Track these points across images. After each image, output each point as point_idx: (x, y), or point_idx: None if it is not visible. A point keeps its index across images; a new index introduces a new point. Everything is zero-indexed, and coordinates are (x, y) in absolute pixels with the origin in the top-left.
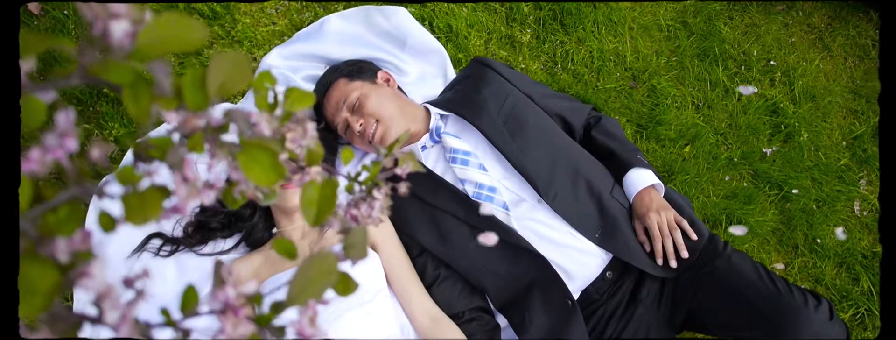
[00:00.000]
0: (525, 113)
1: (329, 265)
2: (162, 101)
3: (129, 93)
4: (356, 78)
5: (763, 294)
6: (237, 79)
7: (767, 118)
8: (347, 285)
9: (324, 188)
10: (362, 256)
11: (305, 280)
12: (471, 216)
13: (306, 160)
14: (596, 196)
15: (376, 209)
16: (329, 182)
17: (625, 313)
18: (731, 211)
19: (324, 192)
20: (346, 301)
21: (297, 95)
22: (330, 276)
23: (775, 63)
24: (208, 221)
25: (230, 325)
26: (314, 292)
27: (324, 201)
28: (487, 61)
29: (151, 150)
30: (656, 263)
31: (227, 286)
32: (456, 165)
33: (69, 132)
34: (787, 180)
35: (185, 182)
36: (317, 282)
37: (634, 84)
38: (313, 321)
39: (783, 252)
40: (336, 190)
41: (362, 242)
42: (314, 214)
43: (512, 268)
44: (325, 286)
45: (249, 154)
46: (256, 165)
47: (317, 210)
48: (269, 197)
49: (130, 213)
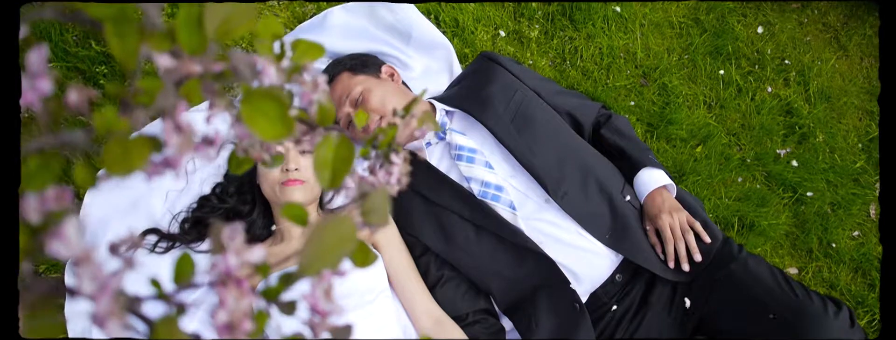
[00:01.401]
0: (533, 110)
1: (346, 231)
2: (153, 40)
3: (112, 30)
4: (360, 72)
5: (781, 300)
6: (238, 20)
7: (781, 119)
8: (366, 255)
9: (339, 147)
10: (383, 222)
11: (319, 247)
12: (476, 216)
13: (318, 119)
14: (606, 196)
15: (395, 175)
16: (345, 140)
17: (635, 317)
18: (744, 214)
19: (339, 151)
20: (348, 301)
21: (306, 46)
22: (347, 243)
23: (790, 62)
24: (206, 216)
25: (231, 298)
26: (329, 260)
27: (339, 162)
28: (495, 56)
29: (140, 95)
30: (668, 266)
31: (228, 253)
32: (461, 162)
33: (42, 73)
34: (801, 182)
35: (178, 131)
36: (332, 249)
37: (645, 82)
38: (328, 294)
39: (797, 257)
40: (353, 150)
41: (383, 207)
42: (329, 176)
43: (518, 269)
44: (341, 254)
45: (254, 104)
46: (262, 116)
47: (331, 172)
48: (276, 160)
49: (111, 162)
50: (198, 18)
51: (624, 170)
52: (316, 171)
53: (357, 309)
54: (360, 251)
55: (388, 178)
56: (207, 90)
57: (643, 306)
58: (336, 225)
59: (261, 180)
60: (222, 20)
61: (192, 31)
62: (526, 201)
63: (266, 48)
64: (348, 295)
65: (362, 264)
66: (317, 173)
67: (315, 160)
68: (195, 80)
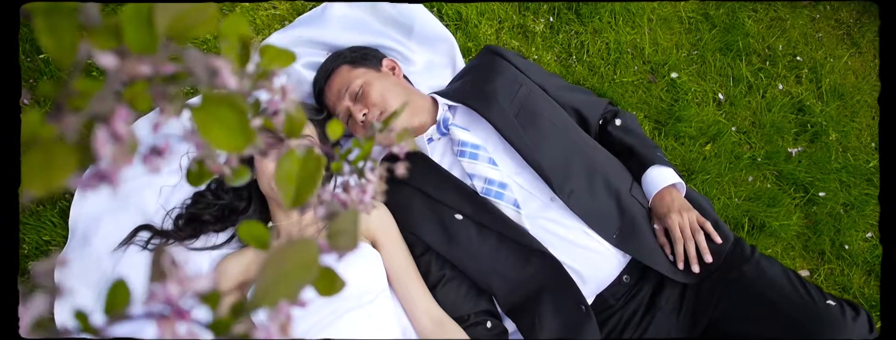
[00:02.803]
0: (538, 105)
1: (307, 256)
2: (94, 37)
3: (42, 25)
4: (360, 65)
5: (796, 303)
6: (194, 18)
7: (793, 117)
8: (332, 282)
9: (305, 162)
10: (351, 247)
11: (276, 274)
12: (479, 214)
13: (285, 130)
14: (614, 194)
15: (369, 193)
16: (312, 154)
17: (642, 320)
18: (754, 214)
19: (305, 166)
20: (346, 302)
21: (275, 52)
22: (308, 270)
23: (801, 59)
24: (200, 213)
25: (168, 332)
26: (287, 290)
27: (305, 178)
28: (499, 50)
29: (74, 98)
30: (677, 267)
31: (168, 281)
32: (464, 159)
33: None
34: (813, 182)
35: (116, 140)
36: (291, 277)
37: (653, 78)
38: (285, 328)
39: (809, 259)
40: (321, 165)
41: (352, 229)
42: (292, 193)
43: (522, 270)
44: (301, 282)
45: (209, 111)
46: (218, 125)
47: (296, 189)
48: (239, 175)
49: (29, 174)
50: (147, 15)
51: (631, 168)
52: (277, 187)
53: (355, 310)
54: (324, 278)
55: (362, 196)
56: (158, 95)
57: (651, 308)
58: (296, 250)
59: (258, 175)
60: (175, 17)
61: (141, 29)
62: (530, 200)
63: (230, 50)
64: (346, 296)
65: (327, 292)
66: (278, 189)
67: (277, 175)
68: (142, 82)
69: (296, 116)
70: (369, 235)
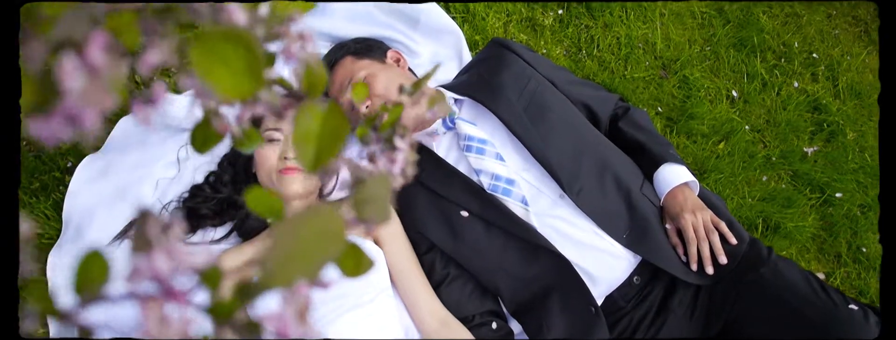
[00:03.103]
0: (548, 99)
1: (331, 227)
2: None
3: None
4: (364, 56)
5: (816, 307)
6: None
7: (809, 115)
8: (358, 260)
9: (328, 118)
10: (384, 218)
11: (293, 249)
12: (485, 211)
13: (304, 86)
14: (624, 192)
15: (399, 163)
16: (336, 110)
17: (653, 322)
18: (768, 215)
19: (328, 123)
20: (346, 301)
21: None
22: (332, 243)
23: (818, 56)
24: (198, 207)
25: (154, 318)
26: (306, 267)
27: (327, 136)
28: (507, 43)
29: (43, 22)
30: (690, 268)
31: (155, 252)
32: (470, 153)
33: None
34: (829, 182)
35: (91, 72)
36: (311, 252)
37: (665, 74)
38: (303, 314)
39: (824, 261)
40: (346, 123)
41: (383, 197)
42: (313, 154)
43: (529, 269)
44: (323, 258)
45: (211, 49)
46: (221, 65)
47: (316, 149)
48: (251, 139)
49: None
50: None
51: (643, 166)
52: (295, 147)
53: (356, 309)
54: (350, 255)
55: (390, 166)
56: (148, 29)
57: (663, 310)
58: (317, 219)
59: (257, 168)
60: None
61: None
62: (539, 197)
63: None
64: (347, 294)
65: (354, 272)
66: (296, 149)
67: (295, 134)
68: (129, 13)
69: (317, 69)
70: (370, 233)
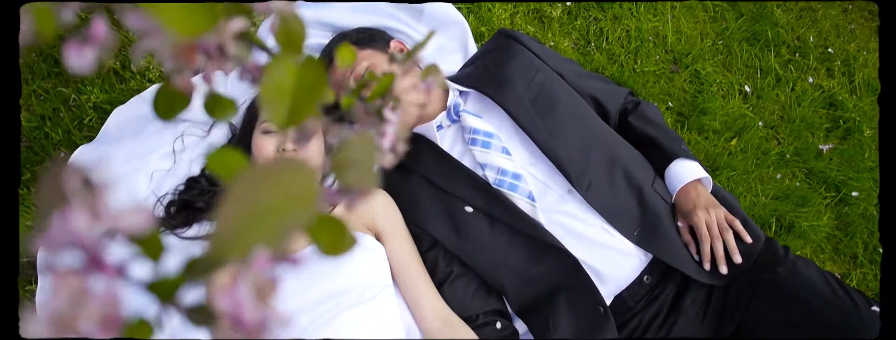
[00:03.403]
0: (556, 92)
1: (300, 182)
2: None
3: None
4: (366, 46)
5: (837, 308)
6: None
7: (824, 111)
8: (338, 235)
9: (304, 72)
10: (370, 184)
11: (250, 210)
12: (490, 206)
13: (279, 39)
14: (635, 188)
15: (389, 138)
16: (313, 63)
17: (664, 323)
18: (782, 213)
19: (304, 76)
20: (346, 298)
21: None
22: (301, 203)
23: (833, 51)
24: (193, 200)
25: (67, 294)
26: (266, 232)
27: (303, 92)
28: (514, 34)
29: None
30: (703, 268)
31: (72, 207)
32: (476, 147)
33: None
34: (845, 181)
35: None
36: (274, 213)
37: (675, 68)
38: (265, 294)
39: (840, 262)
40: (324, 77)
41: (369, 160)
42: (285, 108)
43: (535, 267)
44: (289, 222)
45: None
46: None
47: (290, 104)
48: (223, 108)
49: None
50: None
51: (654, 161)
52: (264, 103)
53: (356, 307)
54: (326, 226)
55: (379, 141)
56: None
57: (674, 311)
58: (282, 174)
59: (254, 159)
60: None
61: None
62: (546, 192)
63: None
64: (347, 291)
65: (331, 248)
66: (266, 105)
67: (264, 89)
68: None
69: (294, 22)
70: (372, 226)
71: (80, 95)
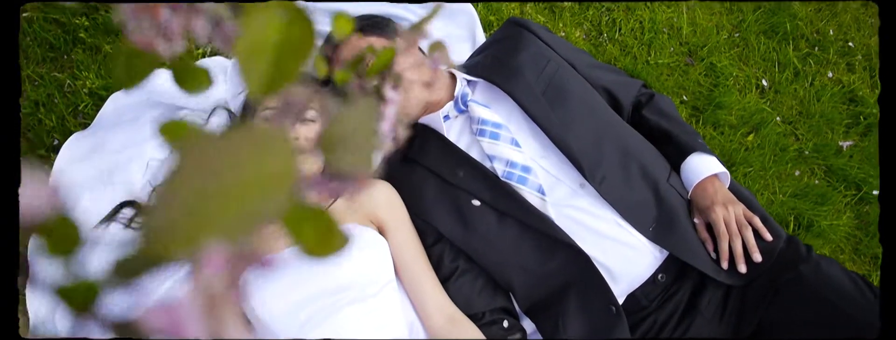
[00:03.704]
0: (568, 82)
1: (274, 159)
2: None
3: None
4: (371, 34)
5: (864, 307)
6: None
7: (844, 107)
8: (326, 231)
9: (290, 25)
10: (368, 167)
11: (199, 190)
12: (499, 200)
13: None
14: (651, 182)
15: (389, 119)
16: (299, 14)
17: (679, 324)
18: (801, 212)
19: (289, 31)
20: (347, 294)
21: None
22: (273, 186)
23: (854, 45)
24: None
25: None
26: (225, 221)
27: (287, 50)
28: (524, 22)
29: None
30: (721, 266)
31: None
32: (484, 138)
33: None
34: (866, 179)
35: None
36: (236, 196)
37: (690, 61)
38: (217, 304)
39: (859, 263)
40: (312, 30)
41: (366, 137)
42: (267, 67)
43: (545, 264)
44: (257, 206)
45: None
46: None
47: (272, 64)
48: (195, 78)
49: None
50: None
51: (669, 155)
52: (239, 62)
53: (358, 303)
54: (308, 218)
55: (378, 124)
56: None
57: (690, 311)
58: (248, 145)
59: None
60: None
61: None
62: (557, 186)
63: None
64: (348, 287)
65: (316, 248)
66: (241, 65)
67: (240, 44)
68: None
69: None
70: (374, 218)
71: (76, 81)
